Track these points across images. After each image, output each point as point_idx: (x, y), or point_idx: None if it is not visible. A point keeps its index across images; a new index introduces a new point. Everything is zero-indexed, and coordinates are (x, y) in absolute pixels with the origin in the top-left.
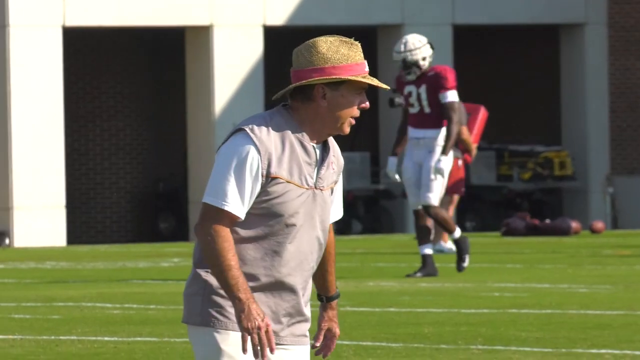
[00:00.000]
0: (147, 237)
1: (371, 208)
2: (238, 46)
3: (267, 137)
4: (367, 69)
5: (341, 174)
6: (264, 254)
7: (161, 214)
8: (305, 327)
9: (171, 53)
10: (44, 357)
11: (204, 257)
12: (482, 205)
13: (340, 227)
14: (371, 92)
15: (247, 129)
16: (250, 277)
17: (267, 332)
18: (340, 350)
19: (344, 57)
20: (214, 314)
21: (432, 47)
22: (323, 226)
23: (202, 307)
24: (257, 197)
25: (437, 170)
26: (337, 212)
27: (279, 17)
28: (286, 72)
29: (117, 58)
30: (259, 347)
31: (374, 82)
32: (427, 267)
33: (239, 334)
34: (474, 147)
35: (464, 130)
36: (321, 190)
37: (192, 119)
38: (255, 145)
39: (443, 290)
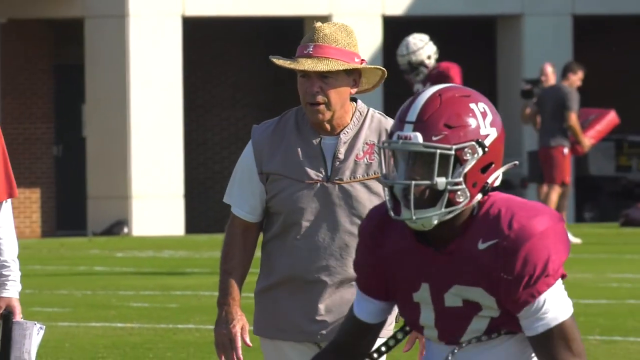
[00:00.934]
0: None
1: None
2: (357, 36)
3: (264, 135)
4: (310, 50)
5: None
6: (282, 252)
7: None
8: None
9: (289, 43)
10: (162, 345)
11: None
12: (600, 195)
13: None
14: (491, 81)
15: (252, 131)
16: (271, 274)
17: (230, 339)
18: None
19: (302, 41)
20: (254, 319)
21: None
22: (357, 220)
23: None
24: (267, 196)
25: None
26: None
27: (399, 7)
28: None
29: (235, 48)
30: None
31: (280, 62)
32: None
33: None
34: (586, 140)
35: (573, 117)
36: (338, 183)
37: None
38: (252, 146)
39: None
